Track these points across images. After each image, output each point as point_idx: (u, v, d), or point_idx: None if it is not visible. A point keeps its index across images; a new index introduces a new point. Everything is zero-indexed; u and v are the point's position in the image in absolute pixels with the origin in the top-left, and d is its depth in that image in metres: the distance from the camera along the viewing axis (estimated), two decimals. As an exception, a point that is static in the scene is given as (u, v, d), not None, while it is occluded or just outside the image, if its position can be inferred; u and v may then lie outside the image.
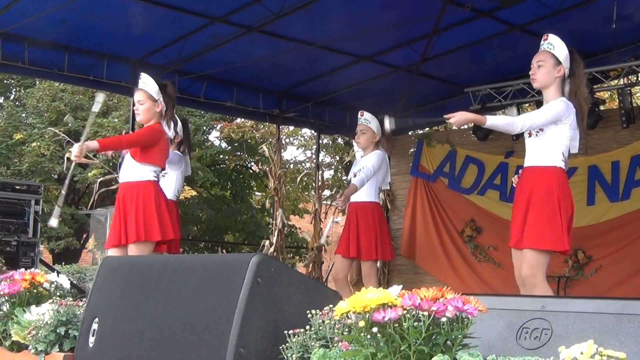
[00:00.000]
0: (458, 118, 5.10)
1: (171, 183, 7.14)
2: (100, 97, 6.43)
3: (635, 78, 9.48)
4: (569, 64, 5.15)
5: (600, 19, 8.04)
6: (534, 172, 5.11)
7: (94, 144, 5.80)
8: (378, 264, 11.53)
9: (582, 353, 2.16)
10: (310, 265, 11.47)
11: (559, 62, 5.12)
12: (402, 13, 8.50)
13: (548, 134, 5.04)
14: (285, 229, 12.05)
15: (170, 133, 6.04)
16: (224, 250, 19.83)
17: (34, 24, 8.07)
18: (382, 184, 7.78)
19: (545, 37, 5.23)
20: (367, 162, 7.30)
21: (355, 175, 7.30)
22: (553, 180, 5.02)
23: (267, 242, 11.38)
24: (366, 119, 7.39)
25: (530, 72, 5.26)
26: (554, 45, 5.15)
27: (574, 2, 8.07)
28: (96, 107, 6.30)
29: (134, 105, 6.16)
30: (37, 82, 18.32)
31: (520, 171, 5.35)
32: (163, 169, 6.10)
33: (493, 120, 5.11)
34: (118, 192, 5.95)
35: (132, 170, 5.85)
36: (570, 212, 5.07)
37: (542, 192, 5.00)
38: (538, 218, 4.96)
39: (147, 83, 5.96)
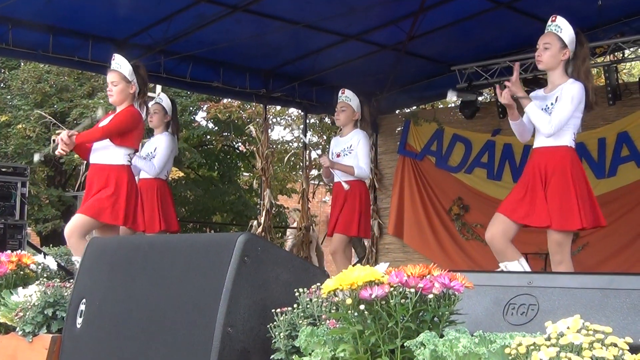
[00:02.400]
0: (515, 89, 5.12)
1: (155, 163, 7.12)
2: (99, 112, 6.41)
3: (621, 55, 9.50)
4: (574, 47, 5.17)
5: (587, -4, 8.05)
6: (546, 153, 5.13)
7: (72, 141, 5.69)
8: (366, 242, 11.66)
9: (568, 328, 2.16)
10: (299, 244, 11.49)
11: (565, 45, 5.14)
12: (389, -9, 8.48)
13: None
14: (273, 209, 12.04)
15: (142, 114, 5.99)
16: (212, 231, 19.84)
17: (18, 5, 7.99)
18: None
19: (553, 19, 5.23)
20: (354, 145, 7.21)
21: (338, 156, 7.25)
22: (566, 161, 5.08)
23: (255, 222, 11.39)
24: (347, 97, 7.32)
25: (535, 54, 5.26)
26: (562, 28, 5.16)
27: (560, -22, 8.06)
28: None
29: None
30: (22, 64, 18.21)
31: None
32: (137, 150, 6.09)
33: (531, 107, 5.11)
34: (89, 173, 5.85)
35: (106, 152, 5.79)
36: (586, 189, 5.12)
37: (556, 174, 5.05)
38: (560, 200, 5.02)
39: (120, 64, 5.89)
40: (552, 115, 5.03)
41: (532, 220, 5.14)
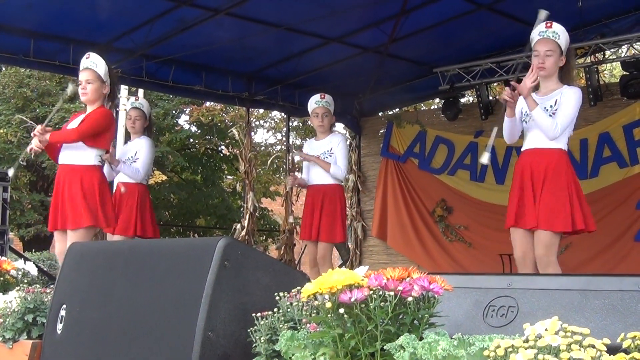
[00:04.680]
0: (527, 91, 5.08)
1: (139, 168, 7.10)
2: (70, 88, 6.30)
3: (602, 56, 9.54)
4: (566, 52, 5.21)
5: (567, -3, 8.08)
6: (540, 154, 5.14)
7: (45, 138, 5.67)
8: (350, 245, 11.66)
9: (546, 330, 2.17)
10: (283, 247, 11.47)
11: (561, 52, 5.17)
12: (370, -7, 8.49)
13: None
14: (257, 212, 12.02)
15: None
16: (196, 235, 19.81)
17: (-2, 9, 7.98)
18: None
19: (549, 25, 5.21)
20: (334, 148, 7.21)
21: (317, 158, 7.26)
22: (562, 163, 5.11)
23: (239, 225, 11.37)
24: (327, 102, 7.34)
25: (539, 61, 5.21)
26: (559, 35, 5.17)
27: (540, -20, 8.08)
28: (65, 96, 6.25)
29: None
30: (3, 68, 18.12)
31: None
32: (107, 151, 6.05)
33: (539, 112, 5.06)
34: (58, 174, 5.79)
35: (76, 153, 5.72)
36: (579, 192, 5.14)
37: (552, 175, 5.06)
38: (551, 201, 5.02)
39: (96, 63, 5.83)
40: (557, 119, 5.05)
41: (523, 222, 5.14)
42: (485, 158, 5.42)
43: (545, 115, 5.06)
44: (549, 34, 5.19)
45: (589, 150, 9.64)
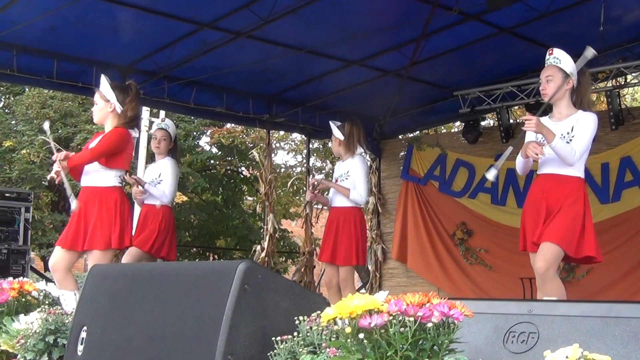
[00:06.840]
0: (536, 123, 5.06)
1: (165, 190, 7.12)
2: (46, 125, 6.34)
3: (623, 80, 9.51)
4: (577, 76, 5.19)
5: (588, 22, 8.08)
6: (559, 180, 5.11)
7: (64, 164, 5.71)
8: (370, 267, 11.65)
9: (567, 357, 2.16)
10: (302, 269, 11.47)
11: (567, 75, 5.15)
12: (391, 17, 8.51)
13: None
14: (277, 233, 12.03)
15: (135, 133, 5.95)
16: (216, 256, 19.83)
17: (23, 31, 8.05)
18: None
19: (550, 52, 5.25)
20: (351, 171, 7.19)
21: (337, 181, 7.25)
22: (581, 192, 5.10)
23: (259, 247, 11.38)
24: (332, 127, 7.36)
25: (540, 88, 5.28)
26: (560, 59, 5.18)
27: (561, 4, 8.08)
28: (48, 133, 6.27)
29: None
30: (27, 89, 18.28)
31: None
32: (127, 171, 6.05)
33: (559, 142, 5.02)
34: (80, 195, 5.79)
35: (96, 175, 5.76)
36: (591, 221, 5.12)
37: (569, 202, 5.03)
38: (563, 220, 5.00)
39: (102, 83, 5.92)
40: (574, 146, 5.03)
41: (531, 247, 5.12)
42: (491, 175, 5.41)
43: (563, 144, 5.03)
44: (550, 61, 5.23)
45: (610, 174, 9.60)
